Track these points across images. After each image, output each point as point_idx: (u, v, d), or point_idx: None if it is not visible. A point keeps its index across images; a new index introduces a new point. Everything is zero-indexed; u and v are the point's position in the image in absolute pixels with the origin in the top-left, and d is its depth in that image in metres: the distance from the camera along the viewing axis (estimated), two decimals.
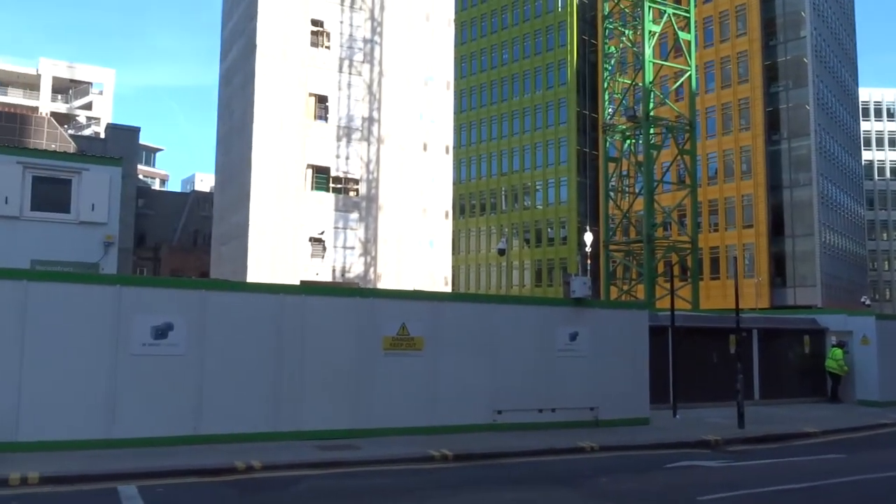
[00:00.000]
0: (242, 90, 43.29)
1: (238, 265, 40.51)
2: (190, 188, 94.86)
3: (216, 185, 51.58)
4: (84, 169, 16.87)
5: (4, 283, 12.41)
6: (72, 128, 68.48)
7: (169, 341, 13.27)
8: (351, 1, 43.09)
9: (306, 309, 14.58)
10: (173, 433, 13.20)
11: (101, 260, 16.81)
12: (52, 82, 75.65)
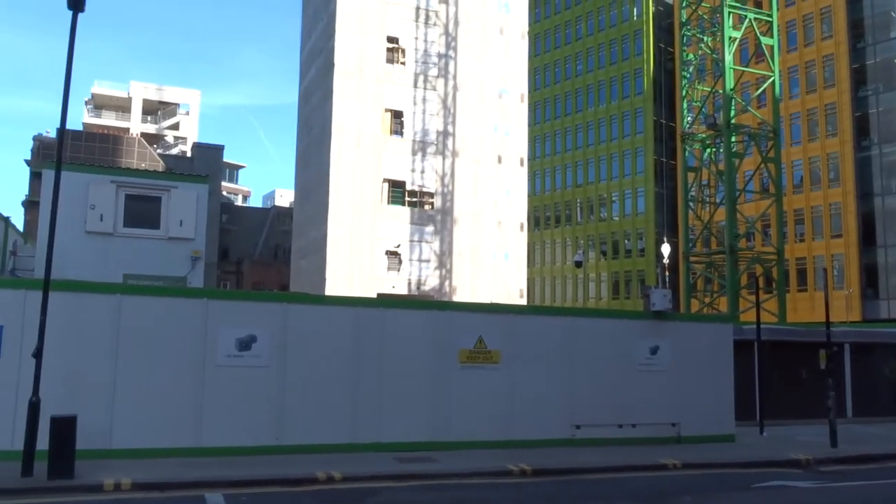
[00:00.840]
0: (321, 108, 44.33)
1: (316, 278, 41.36)
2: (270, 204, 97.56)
3: (295, 200, 52.89)
4: (173, 187, 17.60)
5: (100, 297, 13.03)
6: (160, 147, 71.60)
7: (252, 353, 13.64)
8: (425, 17, 43.63)
9: (384, 322, 14.75)
10: (257, 443, 13.53)
11: (189, 274, 17.46)
12: (143, 104, 79.31)
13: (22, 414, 11.42)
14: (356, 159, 41.16)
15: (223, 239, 58.21)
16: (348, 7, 42.07)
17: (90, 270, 15.39)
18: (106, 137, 53.66)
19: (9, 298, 12.43)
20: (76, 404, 11.94)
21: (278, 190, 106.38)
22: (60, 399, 11.89)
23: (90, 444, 11.87)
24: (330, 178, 40.78)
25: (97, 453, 12.21)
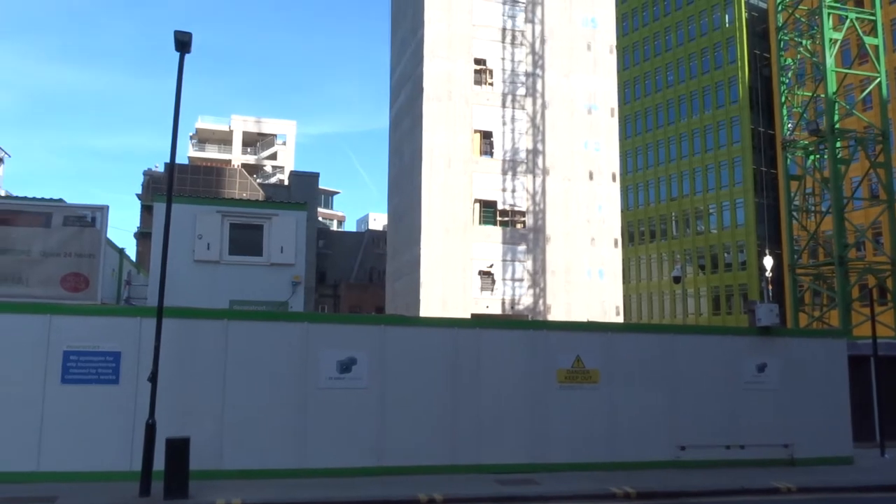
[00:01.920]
0: (411, 132, 45.11)
1: (411, 300, 41.86)
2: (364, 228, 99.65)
3: (389, 223, 53.83)
4: (273, 214, 18.25)
5: (209, 323, 13.62)
6: (260, 177, 74.52)
7: (352, 375, 13.92)
8: (512, 37, 43.82)
9: (480, 342, 14.75)
10: (359, 464, 13.74)
11: (290, 299, 18.00)
12: (243, 137, 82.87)
13: (139, 436, 12.03)
14: (447, 181, 41.56)
15: (320, 263, 59.80)
16: (435, 32, 42.76)
17: (198, 297, 16.09)
18: (210, 169, 56.32)
19: (125, 326, 13.17)
20: (188, 426, 12.48)
21: (371, 214, 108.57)
22: (174, 421, 12.46)
23: (202, 464, 12.33)
24: (422, 201, 41.31)
25: (208, 474, 12.68)
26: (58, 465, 12.51)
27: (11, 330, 12.67)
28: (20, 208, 15.00)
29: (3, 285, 14.37)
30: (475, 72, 43.13)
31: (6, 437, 12.38)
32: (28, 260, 14.52)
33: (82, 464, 12.58)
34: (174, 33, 11.90)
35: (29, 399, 12.54)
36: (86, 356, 12.81)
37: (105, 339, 12.97)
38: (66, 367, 12.75)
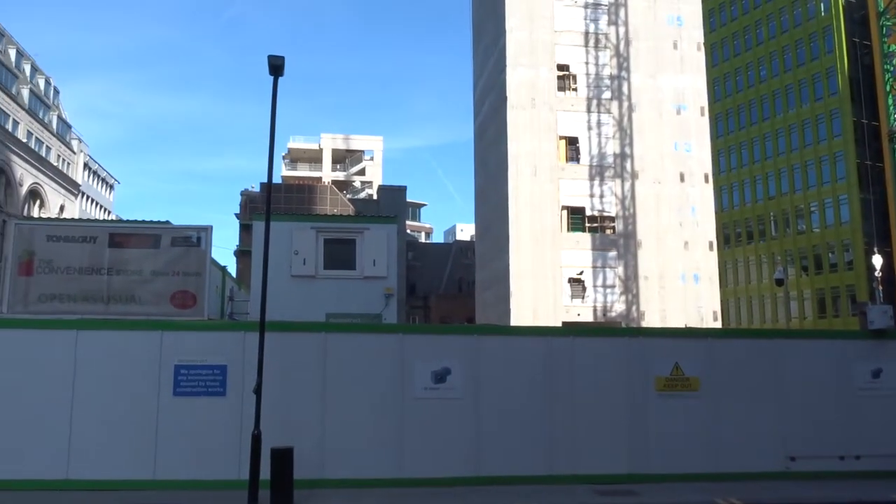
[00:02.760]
0: (496, 141, 45.20)
1: (501, 309, 41.81)
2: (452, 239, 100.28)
3: (476, 233, 54.01)
4: (365, 229, 18.67)
5: (308, 336, 14.02)
6: (349, 192, 76.23)
7: (447, 385, 14.01)
8: (595, 41, 43.33)
9: (575, 350, 14.59)
10: (456, 474, 13.79)
11: (383, 311, 18.33)
12: (332, 154, 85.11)
13: (245, 445, 12.47)
14: (534, 189, 41.38)
15: (410, 275, 60.55)
16: (517, 40, 42.76)
17: (296, 311, 16.61)
18: (302, 187, 58.04)
19: (230, 340, 13.71)
20: (291, 436, 12.85)
21: (458, 224, 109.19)
22: (278, 431, 12.85)
23: (305, 474, 12.64)
24: (509, 210, 41.26)
25: (311, 483, 13.01)
26: (172, 473, 13.11)
27: (127, 345, 13.43)
28: (132, 231, 15.90)
29: (118, 303, 15.24)
30: (558, 78, 42.84)
31: (126, 446, 13.09)
32: (140, 279, 15.35)
33: (194, 472, 13.14)
34: (268, 58, 12.37)
35: (145, 410, 13.23)
36: (195, 369, 13.42)
37: (212, 353, 13.54)
38: (178, 381, 13.39)
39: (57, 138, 74.09)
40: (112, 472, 12.97)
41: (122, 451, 13.09)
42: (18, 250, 15.09)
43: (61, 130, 76.49)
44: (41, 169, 66.10)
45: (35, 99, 70.28)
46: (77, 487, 12.75)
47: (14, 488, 12.59)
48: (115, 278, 15.23)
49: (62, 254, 15.17)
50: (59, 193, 70.48)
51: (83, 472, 12.93)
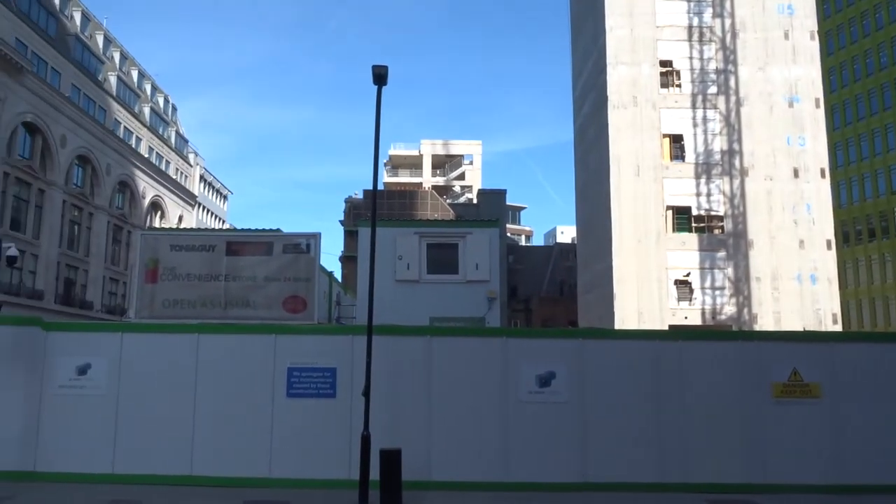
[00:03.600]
0: (596, 142, 44.49)
1: (604, 312, 41.06)
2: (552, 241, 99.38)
3: (577, 235, 53.32)
4: (467, 233, 18.80)
5: (413, 340, 14.24)
6: (449, 197, 76.92)
7: (552, 389, 13.90)
8: (699, 35, 41.96)
9: (684, 354, 14.17)
10: (562, 479, 13.66)
11: (486, 314, 18.39)
12: (432, 160, 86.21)
13: (355, 446, 12.79)
14: (637, 189, 40.45)
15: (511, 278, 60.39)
16: (617, 38, 41.97)
17: (401, 315, 16.91)
18: (403, 193, 59.05)
19: (339, 344, 14.12)
20: (398, 438, 13.08)
21: (559, 227, 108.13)
22: (386, 433, 13.12)
23: (412, 475, 12.83)
24: (611, 211, 40.51)
25: (418, 484, 13.19)
26: (286, 472, 13.62)
27: (244, 349, 14.07)
28: (247, 239, 16.67)
29: (234, 308, 16.01)
30: (661, 74, 41.72)
31: (243, 445, 13.70)
32: (254, 285, 16.07)
33: (306, 471, 13.59)
34: (372, 67, 12.67)
35: (260, 411, 13.80)
36: (307, 372, 13.90)
37: (322, 356, 13.99)
38: (291, 383, 13.90)
39: (175, 153, 78.48)
40: (231, 469, 13.59)
41: (240, 449, 13.70)
42: (144, 259, 16.10)
43: (179, 145, 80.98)
44: (161, 182, 70.16)
45: (155, 116, 74.71)
46: (199, 483, 13.43)
47: (143, 482, 13.40)
48: (231, 284, 16.00)
49: (184, 262, 16.08)
50: (178, 205, 74.58)
51: (205, 469, 13.62)
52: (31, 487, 12.98)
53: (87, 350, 14.09)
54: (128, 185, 62.78)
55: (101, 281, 57.65)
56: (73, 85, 55.57)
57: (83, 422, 13.84)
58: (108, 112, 61.78)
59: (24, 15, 49.60)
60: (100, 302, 56.94)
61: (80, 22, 60.75)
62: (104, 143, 57.33)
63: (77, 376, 13.92)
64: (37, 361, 14.00)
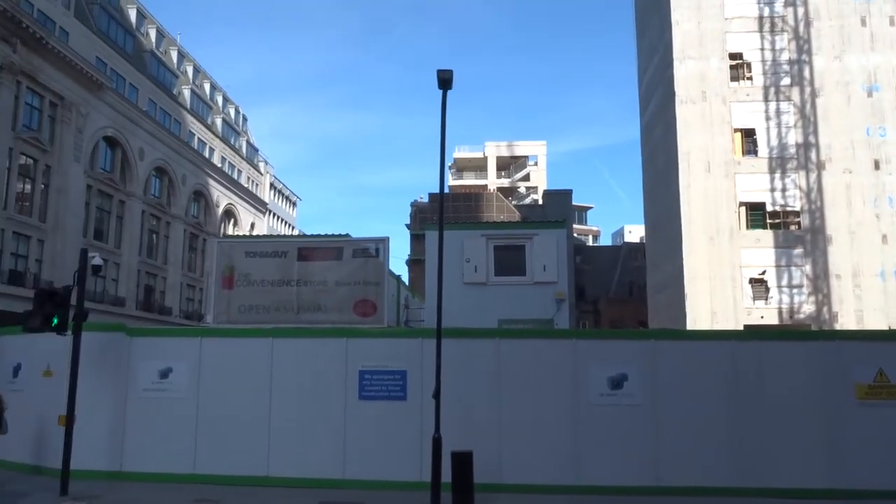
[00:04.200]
0: (664, 139, 43.63)
1: (675, 313, 40.19)
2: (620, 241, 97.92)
3: (646, 235, 52.38)
4: (534, 234, 18.72)
5: (481, 342, 14.29)
6: (514, 199, 76.68)
7: (624, 391, 13.71)
8: (770, 25, 40.69)
9: (761, 355, 13.77)
10: (635, 483, 13.45)
11: (555, 316, 18.27)
12: (496, 162, 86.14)
13: (426, 448, 12.91)
14: (707, 186, 39.49)
15: (578, 279, 59.77)
16: (684, 32, 41.10)
17: (469, 318, 16.95)
18: (469, 196, 59.19)
19: (409, 347, 14.27)
20: (469, 440, 13.11)
21: (626, 226, 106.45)
22: (456, 435, 13.17)
23: (483, 478, 12.85)
24: (681, 209, 39.65)
25: (489, 487, 13.21)
26: (358, 473, 13.84)
27: (317, 352, 14.37)
28: (316, 245, 17.02)
29: (306, 313, 16.36)
30: (731, 67, 40.63)
31: (317, 447, 13.98)
32: (325, 290, 16.39)
33: (378, 473, 13.78)
34: (437, 72, 12.77)
35: (333, 413, 14.07)
36: (378, 375, 14.10)
37: (392, 359, 14.16)
38: (362, 385, 14.12)
39: (246, 161, 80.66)
40: (306, 470, 13.89)
41: (314, 450, 13.98)
42: (221, 266, 16.63)
43: (250, 154, 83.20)
44: (234, 190, 72.24)
45: (227, 127, 76.97)
46: (275, 484, 13.77)
47: (222, 483, 13.83)
48: (303, 289, 16.37)
49: (257, 268, 16.54)
50: (250, 212, 76.63)
51: (281, 470, 13.96)
52: (118, 487, 13.56)
53: (169, 355, 14.64)
54: (202, 194, 64.88)
55: (179, 287, 59.73)
56: (149, 99, 57.80)
57: (165, 424, 14.38)
58: (182, 124, 64.01)
59: (104, 34, 51.86)
60: (178, 308, 58.99)
61: (154, 38, 63.15)
62: (180, 154, 59.41)
63: (159, 380, 14.48)
64: (122, 366, 14.61)
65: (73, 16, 47.16)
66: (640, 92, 51.26)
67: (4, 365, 16.17)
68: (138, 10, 60.92)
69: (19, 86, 40.19)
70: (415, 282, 49.52)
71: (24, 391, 15.29)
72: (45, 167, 42.91)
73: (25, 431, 14.87)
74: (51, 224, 43.14)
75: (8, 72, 38.78)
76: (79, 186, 45.58)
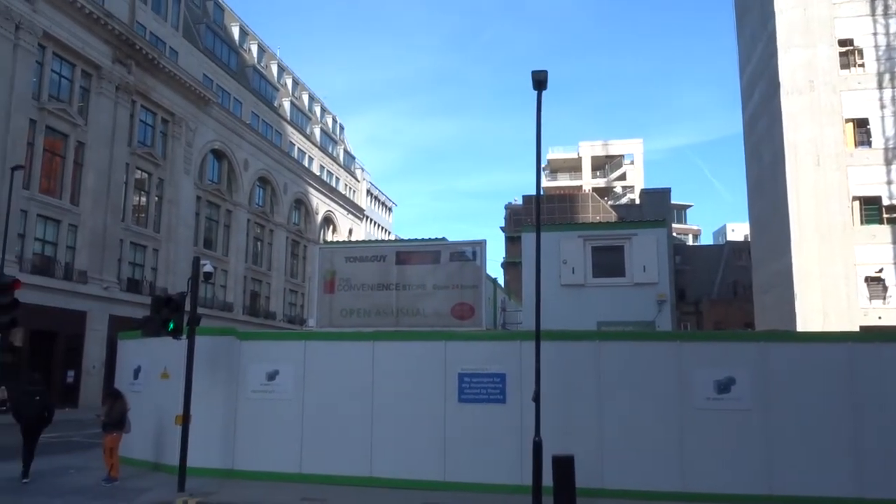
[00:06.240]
0: (769, 132, 41.82)
1: (784, 313, 38.39)
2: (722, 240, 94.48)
3: (751, 232, 50.32)
4: (633, 234, 18.31)
5: (581, 345, 14.07)
6: (610, 199, 75.32)
7: (732, 395, 13.21)
8: (884, 7, 38.32)
9: (884, 358, 12.95)
10: (745, 491, 12.93)
11: (656, 317, 17.80)
12: (591, 161, 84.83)
13: (526, 452, 12.81)
14: (817, 180, 37.56)
15: (678, 280, 58.09)
16: (789, 20, 39.29)
17: (566, 320, 16.76)
18: (563, 197, 58.56)
19: (507, 349, 14.21)
20: (569, 444, 12.91)
21: (729, 224, 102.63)
22: (556, 439, 12.99)
23: (584, 482, 12.58)
24: (788, 204, 37.89)
25: (591, 492, 12.96)
26: (459, 475, 13.87)
27: (416, 355, 14.53)
28: (414, 249, 17.26)
29: (405, 316, 16.61)
30: (840, 55, 38.53)
31: (419, 449, 14.12)
32: (423, 294, 16.59)
33: (479, 475, 13.78)
34: (531, 73, 12.69)
35: (433, 416, 14.18)
36: (477, 378, 14.12)
37: (491, 362, 14.15)
38: (462, 388, 14.17)
39: (343, 169, 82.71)
40: (408, 471, 14.05)
41: (416, 452, 14.14)
42: (322, 271, 17.11)
43: (347, 162, 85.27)
44: (332, 198, 74.21)
45: (325, 136, 79.18)
46: (378, 484, 14.00)
47: (327, 482, 14.19)
48: (402, 293, 16.62)
49: (358, 273, 16.92)
50: (348, 218, 78.51)
51: (384, 471, 14.18)
52: (230, 484, 14.15)
53: (275, 357, 15.16)
54: (303, 202, 66.97)
55: (282, 293, 61.85)
56: (252, 112, 60.20)
57: (273, 424, 14.89)
58: (283, 135, 66.32)
59: (209, 51, 54.40)
60: (281, 312, 61.10)
61: (256, 54, 65.73)
62: (281, 164, 61.57)
63: (267, 382, 15.01)
64: (232, 368, 15.24)
65: (181, 36, 49.71)
66: (741, 84, 49.36)
67: (126, 367, 17.19)
68: (241, 27, 63.59)
69: (134, 104, 42.69)
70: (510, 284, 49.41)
71: (143, 392, 16.19)
72: (159, 180, 45.39)
73: (145, 430, 15.73)
74: (164, 234, 45.57)
75: (124, 92, 41.25)
76: (189, 197, 47.96)
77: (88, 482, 14.28)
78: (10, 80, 33.28)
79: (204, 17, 56.28)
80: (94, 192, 38.47)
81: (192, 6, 54.10)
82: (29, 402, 14.36)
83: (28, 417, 14.21)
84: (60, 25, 36.42)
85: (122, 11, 42.04)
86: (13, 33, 33.48)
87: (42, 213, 35.55)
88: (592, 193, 61.87)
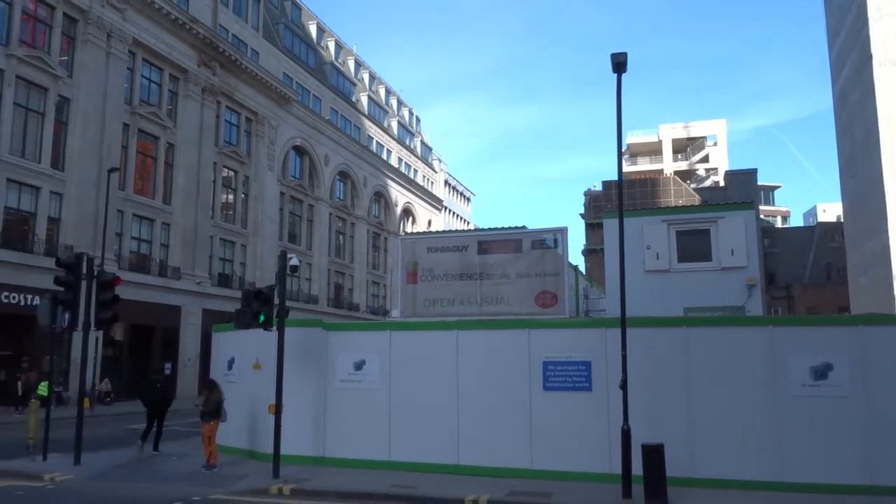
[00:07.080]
0: (861, 106, 39.76)
1: (882, 296, 36.53)
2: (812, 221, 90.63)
3: (844, 213, 48.05)
4: (719, 217, 17.77)
5: (667, 331, 13.82)
6: (693, 182, 73.29)
7: (829, 382, 12.72)
8: None
9: None
10: (846, 481, 12.47)
11: (746, 302, 17.26)
12: (672, 144, 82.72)
13: (614, 440, 12.72)
14: None
15: (767, 263, 56.10)
16: None
17: (651, 306, 16.43)
18: (644, 182, 57.38)
19: (592, 337, 14.09)
20: (657, 432, 12.73)
21: (820, 205, 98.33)
22: (644, 427, 12.83)
23: (674, 471, 12.32)
24: (884, 181, 35.99)
25: (681, 481, 12.70)
26: (545, 464, 13.86)
27: (500, 344, 14.58)
28: (495, 238, 17.29)
29: (489, 305, 16.68)
30: None
31: (505, 437, 14.20)
32: (506, 282, 16.61)
33: (566, 464, 13.73)
34: (611, 56, 12.48)
35: (519, 404, 14.21)
36: (561, 366, 14.06)
37: (575, 350, 14.06)
38: (546, 376, 14.15)
39: (421, 161, 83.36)
40: (495, 459, 14.14)
41: (502, 440, 14.21)
42: (405, 262, 17.36)
43: (424, 154, 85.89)
44: (411, 189, 74.96)
45: (402, 129, 79.98)
46: (466, 472, 14.12)
47: (415, 469, 14.43)
48: (485, 282, 16.69)
49: (440, 262, 17.08)
50: (427, 209, 79.16)
51: (470, 459, 14.32)
52: (322, 471, 14.57)
53: (362, 347, 15.50)
54: (382, 194, 67.92)
55: (365, 284, 62.97)
56: (331, 108, 61.37)
57: (361, 412, 15.25)
58: (361, 129, 67.36)
59: (289, 50, 55.72)
60: (364, 304, 62.24)
61: (333, 50, 66.91)
62: (360, 158, 62.59)
63: (354, 371, 15.38)
64: (321, 359, 15.67)
65: (261, 36, 51.10)
66: (830, 58, 47.10)
67: (221, 358, 17.92)
68: (318, 25, 64.84)
69: (219, 105, 44.21)
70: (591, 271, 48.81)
71: (237, 382, 16.84)
72: (244, 178, 46.91)
73: (240, 419, 16.38)
74: (251, 229, 47.10)
75: (209, 93, 42.77)
76: (274, 193, 49.38)
77: (189, 469, 14.99)
78: (104, 86, 34.99)
79: (282, 17, 57.66)
80: (185, 191, 40.10)
81: (270, 6, 55.50)
82: (152, 389, 17.24)
83: (153, 403, 17.00)
84: (148, 32, 38.02)
85: (206, 15, 43.52)
86: (105, 42, 35.16)
87: (137, 213, 37.29)
88: (674, 177, 60.38)
